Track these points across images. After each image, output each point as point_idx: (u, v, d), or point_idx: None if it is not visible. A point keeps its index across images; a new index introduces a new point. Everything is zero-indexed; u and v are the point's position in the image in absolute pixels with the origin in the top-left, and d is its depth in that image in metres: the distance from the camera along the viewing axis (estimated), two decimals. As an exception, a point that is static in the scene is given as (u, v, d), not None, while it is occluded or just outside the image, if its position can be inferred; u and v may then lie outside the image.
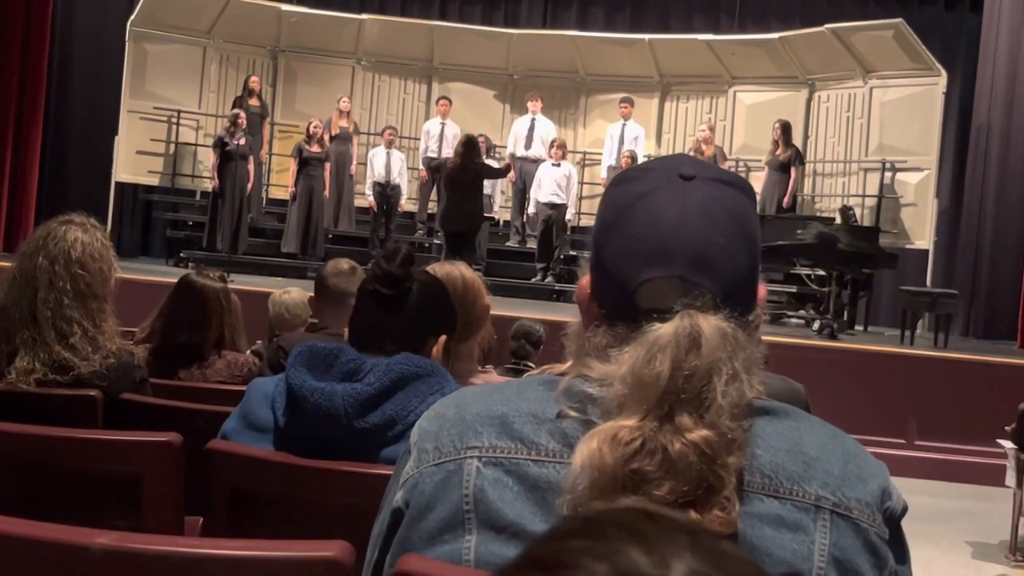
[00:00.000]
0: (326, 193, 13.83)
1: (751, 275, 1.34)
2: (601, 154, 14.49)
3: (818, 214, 13.43)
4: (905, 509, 1.31)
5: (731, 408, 1.21)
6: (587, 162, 15.13)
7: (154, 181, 14.69)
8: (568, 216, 13.67)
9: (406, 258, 2.44)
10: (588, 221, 14.48)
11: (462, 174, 11.23)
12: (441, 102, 14.72)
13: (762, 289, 1.37)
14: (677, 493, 1.17)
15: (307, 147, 13.64)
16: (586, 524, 0.80)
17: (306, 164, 13.65)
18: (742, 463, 1.21)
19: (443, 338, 2.50)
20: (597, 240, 1.37)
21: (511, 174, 13.88)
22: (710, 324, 1.23)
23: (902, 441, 9.31)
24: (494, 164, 13.09)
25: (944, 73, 12.92)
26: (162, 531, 2.40)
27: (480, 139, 12.65)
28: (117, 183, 14.17)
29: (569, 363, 1.37)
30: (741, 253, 1.32)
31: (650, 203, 1.32)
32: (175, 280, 4.29)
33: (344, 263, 4.45)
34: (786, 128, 13.33)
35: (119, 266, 3.36)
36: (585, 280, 1.39)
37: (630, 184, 1.37)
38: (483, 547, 1.25)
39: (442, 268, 2.92)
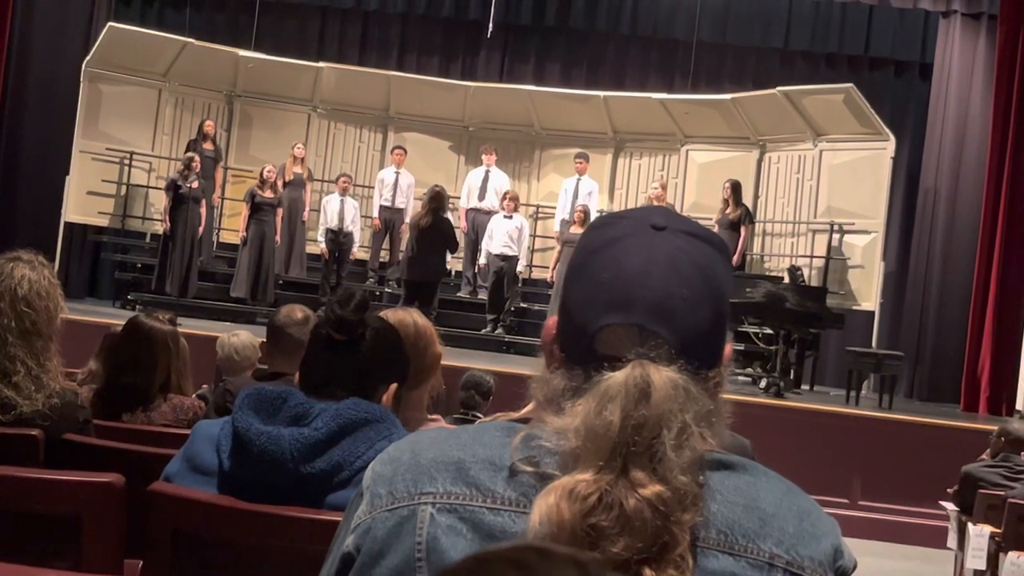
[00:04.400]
0: (278, 239, 13.78)
1: (714, 331, 1.32)
2: (554, 207, 14.54)
3: (767, 273, 13.56)
4: (854, 567, 1.32)
5: (684, 463, 1.20)
6: (540, 215, 15.19)
7: (104, 222, 14.57)
8: (519, 268, 13.71)
9: (360, 304, 2.41)
10: (539, 273, 14.59)
11: (431, 228, 11.46)
12: (396, 151, 14.72)
13: (728, 347, 1.35)
14: (632, 550, 1.16)
15: (260, 192, 13.58)
16: (475, 562, 0.80)
17: (258, 209, 13.59)
18: (696, 519, 1.21)
19: (394, 386, 2.49)
20: (565, 282, 1.36)
21: (463, 225, 13.98)
22: (661, 375, 1.22)
23: (846, 501, 9.36)
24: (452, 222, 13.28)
25: (892, 138, 13.12)
26: (101, 572, 2.36)
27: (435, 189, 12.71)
28: (66, 223, 14.05)
29: (529, 407, 1.36)
30: (705, 308, 1.30)
31: (617, 249, 1.32)
32: (122, 322, 4.24)
33: (298, 312, 4.41)
34: (736, 187, 13.45)
35: (66, 306, 3.32)
36: (552, 320, 1.38)
37: (602, 229, 1.36)
38: (434, 597, 1.23)
39: (395, 314, 2.91)
